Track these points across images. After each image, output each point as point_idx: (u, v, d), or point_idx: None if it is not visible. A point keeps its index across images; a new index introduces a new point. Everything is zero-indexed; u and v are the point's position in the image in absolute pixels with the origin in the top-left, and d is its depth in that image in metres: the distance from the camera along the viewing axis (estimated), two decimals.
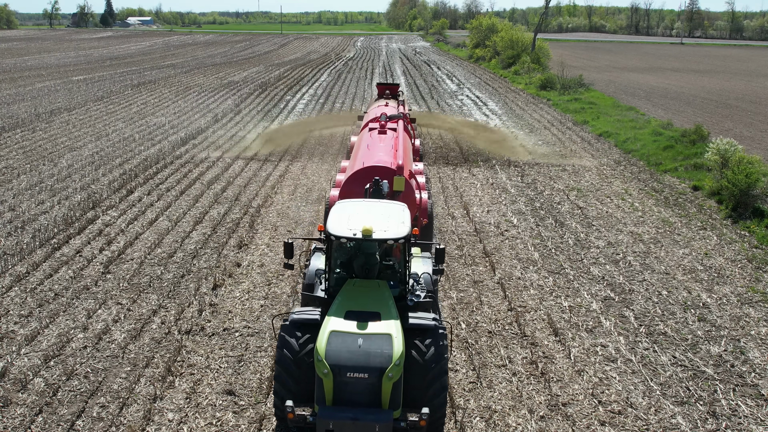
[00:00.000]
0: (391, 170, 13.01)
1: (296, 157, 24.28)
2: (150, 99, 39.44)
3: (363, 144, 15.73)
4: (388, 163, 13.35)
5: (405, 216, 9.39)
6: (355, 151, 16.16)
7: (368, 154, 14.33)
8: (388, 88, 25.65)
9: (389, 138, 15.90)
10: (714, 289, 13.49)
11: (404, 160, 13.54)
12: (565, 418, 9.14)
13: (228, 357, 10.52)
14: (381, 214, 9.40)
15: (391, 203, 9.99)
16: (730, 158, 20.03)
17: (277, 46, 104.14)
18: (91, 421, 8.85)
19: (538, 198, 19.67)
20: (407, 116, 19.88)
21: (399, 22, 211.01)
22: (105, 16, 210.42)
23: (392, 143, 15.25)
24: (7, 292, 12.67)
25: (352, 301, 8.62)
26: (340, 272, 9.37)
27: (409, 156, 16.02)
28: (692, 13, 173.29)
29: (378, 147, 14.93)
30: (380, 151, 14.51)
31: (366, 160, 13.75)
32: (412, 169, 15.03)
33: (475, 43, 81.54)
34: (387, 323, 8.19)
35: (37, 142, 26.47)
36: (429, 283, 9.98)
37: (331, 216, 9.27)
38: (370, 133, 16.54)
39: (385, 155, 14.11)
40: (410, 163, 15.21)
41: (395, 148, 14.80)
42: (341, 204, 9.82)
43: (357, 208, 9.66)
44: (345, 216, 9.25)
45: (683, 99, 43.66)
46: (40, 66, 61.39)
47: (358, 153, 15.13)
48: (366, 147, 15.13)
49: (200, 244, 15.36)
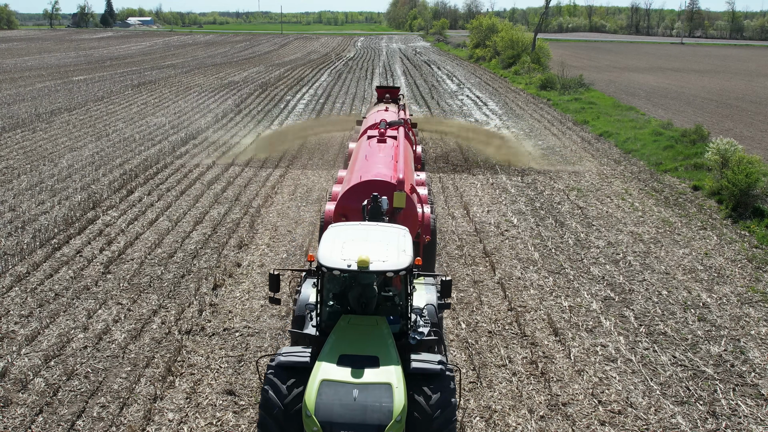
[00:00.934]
0: (390, 185, 12.07)
1: (292, 163, 23.52)
2: (150, 99, 39.45)
3: (361, 154, 14.82)
4: (387, 177, 12.41)
5: (406, 243, 8.43)
6: (352, 162, 15.14)
7: (366, 166, 13.41)
8: (389, 91, 24.51)
9: (389, 147, 14.90)
10: (714, 289, 13.49)
11: (405, 172, 12.70)
12: (565, 418, 9.15)
13: (228, 357, 10.53)
14: (379, 240, 8.42)
15: (391, 228, 9.01)
16: (730, 158, 20.03)
17: (278, 46, 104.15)
18: (92, 421, 8.86)
19: (538, 198, 19.68)
20: (408, 122, 18.98)
21: (399, 22, 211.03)
22: (105, 16, 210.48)
23: (392, 153, 14.33)
24: (8, 292, 12.68)
25: (346, 342, 7.61)
26: (333, 305, 8.40)
27: (410, 167, 15.05)
28: (692, 13, 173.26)
29: (377, 158, 14.03)
30: (379, 162, 13.57)
31: (364, 173, 12.80)
32: (414, 182, 14.14)
33: (475, 43, 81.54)
34: (386, 370, 7.19)
35: (38, 142, 26.48)
36: (433, 315, 8.99)
37: (323, 243, 8.37)
38: (368, 141, 15.57)
39: (385, 167, 13.15)
40: (411, 175, 14.34)
41: (395, 158, 13.84)
42: (334, 229, 8.87)
43: (352, 233, 8.65)
44: (339, 243, 8.28)
45: (683, 99, 43.66)
46: (41, 66, 61.41)
47: (356, 164, 14.12)
48: (364, 158, 14.22)
49: (200, 244, 15.37)
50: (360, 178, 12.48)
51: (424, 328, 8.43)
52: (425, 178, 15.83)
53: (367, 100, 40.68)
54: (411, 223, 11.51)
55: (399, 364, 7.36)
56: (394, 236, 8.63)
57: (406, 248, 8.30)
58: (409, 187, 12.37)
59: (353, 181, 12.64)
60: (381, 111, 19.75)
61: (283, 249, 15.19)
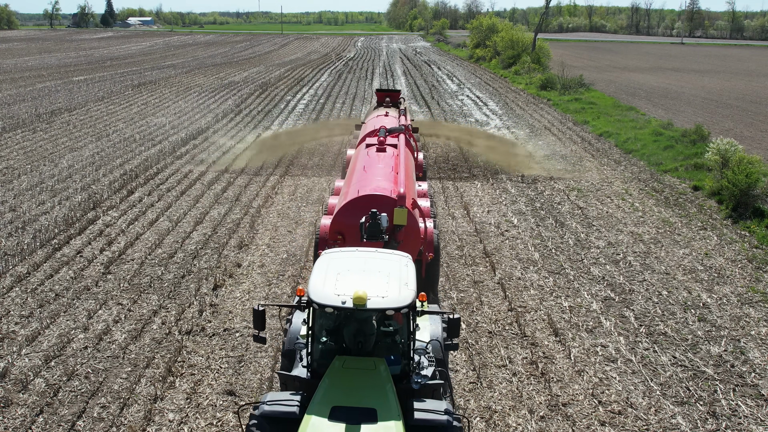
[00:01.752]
0: (390, 200, 11.22)
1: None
2: (150, 99, 39.46)
3: (359, 164, 13.91)
4: (387, 191, 11.56)
5: (409, 275, 7.50)
6: (349, 173, 14.15)
7: (364, 179, 12.52)
8: (389, 94, 23.37)
9: (389, 157, 14.03)
10: (714, 289, 13.49)
11: (406, 185, 11.86)
12: (565, 418, 9.15)
13: (228, 357, 10.53)
14: (379, 271, 7.47)
15: (392, 256, 8.03)
16: (730, 158, 20.03)
17: (278, 46, 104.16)
18: (92, 421, 8.87)
19: (539, 198, 19.68)
20: (409, 128, 17.88)
21: (399, 22, 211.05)
22: (105, 16, 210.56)
23: (392, 164, 13.52)
24: (8, 292, 12.69)
25: (339, 390, 6.70)
26: (326, 342, 7.49)
27: (412, 178, 14.13)
28: (693, 13, 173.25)
29: (376, 169, 13.13)
30: (378, 174, 12.68)
31: (362, 187, 11.97)
32: (415, 194, 13.34)
33: (475, 43, 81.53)
34: (385, 426, 6.28)
35: (38, 142, 26.49)
36: (438, 351, 8.07)
37: (314, 275, 7.43)
38: (367, 150, 14.67)
39: (384, 180, 12.26)
40: (413, 188, 13.49)
41: (395, 170, 13.00)
42: (328, 256, 7.92)
43: (347, 262, 7.67)
44: (332, 275, 7.34)
45: (683, 99, 43.66)
46: (41, 66, 61.42)
47: (353, 176, 13.22)
48: (362, 169, 13.36)
49: (201, 244, 15.38)
50: (357, 193, 11.63)
51: (428, 369, 7.59)
52: (427, 188, 15.03)
53: (367, 101, 40.68)
54: (413, 241, 10.92)
55: (400, 417, 6.46)
56: (396, 266, 7.68)
57: (408, 281, 7.37)
58: (411, 201, 11.56)
59: (350, 195, 11.79)
60: (381, 116, 18.91)
61: (283, 249, 15.20)
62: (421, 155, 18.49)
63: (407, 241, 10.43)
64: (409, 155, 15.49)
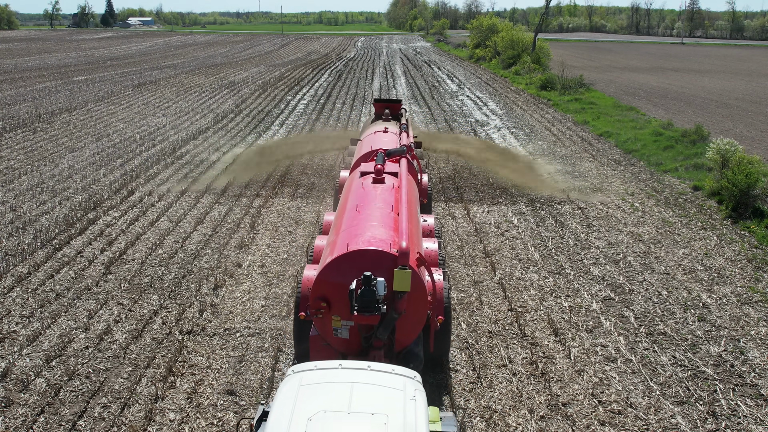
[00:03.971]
0: (389, 257, 8.54)
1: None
2: (151, 99, 39.49)
3: (351, 201, 11.01)
4: (385, 245, 8.82)
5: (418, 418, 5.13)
6: (339, 212, 11.23)
7: (357, 225, 9.67)
8: (388, 105, 20.45)
9: (388, 192, 11.15)
10: (714, 289, 13.51)
11: (410, 231, 9.35)
12: (565, 418, 9.17)
13: (229, 357, 10.55)
14: (372, 414, 5.05)
15: (392, 379, 5.55)
16: (730, 158, 20.05)
17: (278, 46, 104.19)
18: (93, 421, 8.89)
19: (539, 198, 19.69)
20: (412, 147, 15.35)
21: (399, 22, 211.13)
22: (105, 16, 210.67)
23: (392, 201, 10.70)
24: (9, 292, 12.71)
25: None
26: None
27: (416, 217, 11.29)
28: (693, 13, 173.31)
29: (372, 209, 10.37)
30: (374, 217, 9.94)
31: (353, 238, 9.09)
32: (420, 239, 10.77)
33: (475, 44, 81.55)
34: None
35: (38, 142, 26.52)
36: None
37: (276, 411, 5.17)
38: (362, 180, 11.83)
39: (382, 226, 9.57)
40: (418, 232, 10.76)
41: (396, 209, 10.29)
42: (297, 380, 5.50)
43: (325, 396, 5.25)
44: (301, 417, 4.99)
45: (683, 99, 43.68)
46: (41, 66, 61.45)
47: (343, 219, 10.32)
48: (354, 208, 10.47)
49: (201, 244, 15.40)
50: (347, 247, 8.81)
51: None
52: (434, 222, 12.52)
53: (368, 101, 40.72)
54: (418, 308, 8.69)
55: None
56: (398, 402, 5.24)
57: (417, 425, 5.02)
58: (416, 255, 9.01)
59: (337, 249, 8.96)
60: (379, 132, 16.49)
61: (283, 249, 15.22)
62: (426, 177, 15.92)
63: (411, 310, 8.48)
64: (412, 185, 12.81)
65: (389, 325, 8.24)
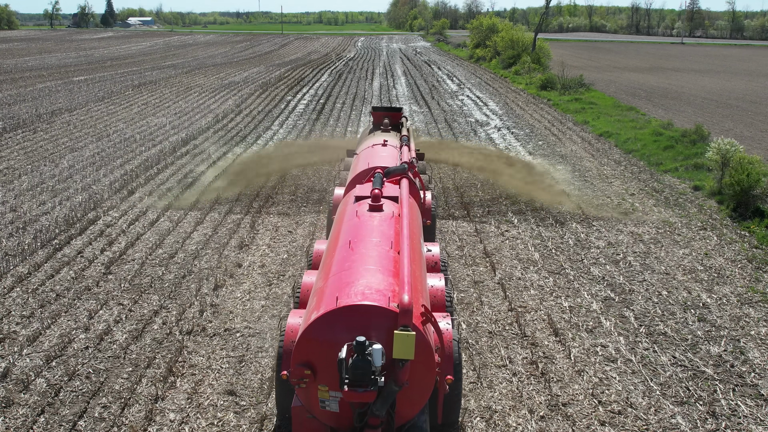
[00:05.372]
0: (388, 314, 6.90)
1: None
2: (151, 99, 39.50)
3: (343, 235, 9.24)
4: (383, 298, 7.11)
5: None
6: (330, 247, 9.32)
7: (349, 269, 7.89)
8: (388, 114, 18.60)
9: (386, 222, 9.44)
10: (714, 289, 13.51)
11: (413, 274, 7.71)
12: (565, 418, 9.17)
13: (229, 357, 10.56)
14: None
15: None
16: (731, 158, 20.05)
17: (278, 46, 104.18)
18: (93, 421, 8.89)
19: (538, 198, 19.67)
20: (414, 163, 13.33)
21: (399, 22, 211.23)
22: (105, 16, 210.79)
23: (391, 234, 8.98)
24: (9, 292, 12.72)
25: None
26: None
27: (419, 252, 9.37)
28: (693, 13, 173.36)
29: (367, 246, 8.52)
30: (370, 260, 8.10)
31: (343, 289, 7.32)
32: (425, 278, 8.92)
33: (475, 43, 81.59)
34: None
35: (38, 142, 26.53)
36: None
37: None
38: (357, 207, 10.12)
39: (379, 271, 7.78)
40: (422, 271, 8.88)
41: (396, 246, 8.54)
42: None
43: None
44: None
45: (683, 99, 43.69)
46: (41, 66, 61.45)
47: (333, 259, 8.48)
48: (347, 245, 8.67)
49: (201, 244, 15.40)
50: (336, 301, 7.09)
51: None
52: (440, 252, 10.64)
53: (368, 101, 40.73)
54: (424, 373, 7.03)
55: None
56: None
57: None
58: (420, 309, 7.29)
59: (325, 304, 7.21)
60: (377, 145, 14.97)
61: (284, 249, 15.22)
62: (429, 195, 13.62)
63: (415, 379, 6.89)
64: (415, 209, 11.02)
65: (388, 399, 6.70)
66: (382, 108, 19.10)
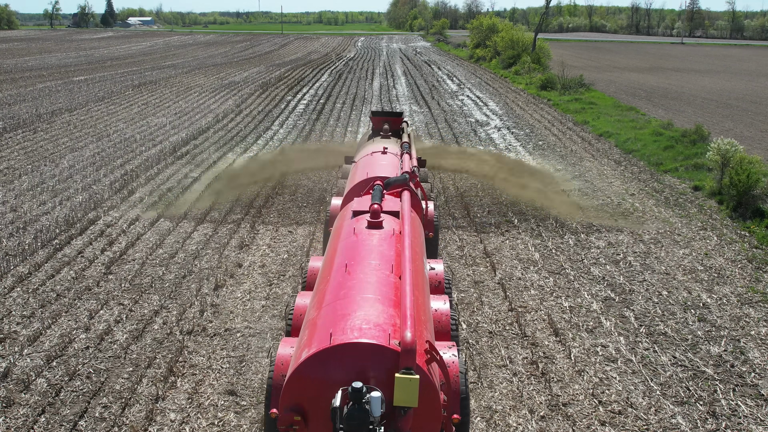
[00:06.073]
0: (388, 354, 6.02)
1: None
2: (151, 99, 39.50)
3: (339, 255, 8.31)
4: (383, 334, 6.20)
5: None
6: (325, 268, 8.35)
7: (345, 298, 6.97)
8: (387, 119, 17.57)
9: (386, 243, 8.45)
10: (714, 290, 13.52)
11: (417, 305, 6.85)
12: (566, 418, 9.18)
13: (230, 357, 10.56)
14: None
15: None
16: (731, 158, 20.06)
17: (278, 46, 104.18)
18: (94, 421, 8.90)
19: (539, 198, 19.68)
20: (416, 173, 12.44)
21: (399, 22, 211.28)
22: (105, 16, 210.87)
23: (392, 256, 8.07)
24: (9, 292, 12.72)
25: None
26: None
27: (423, 275, 8.45)
28: (693, 13, 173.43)
29: (365, 271, 7.56)
30: (368, 287, 7.17)
31: (338, 324, 6.43)
32: (430, 309, 8.02)
33: (475, 43, 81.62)
34: None
35: (39, 142, 26.53)
36: None
37: None
38: (354, 223, 9.19)
39: (378, 301, 6.84)
40: (426, 296, 7.96)
41: (397, 270, 7.66)
42: None
43: None
44: None
45: (683, 99, 43.70)
46: (41, 66, 61.45)
47: (328, 284, 7.52)
48: (343, 268, 7.71)
49: (201, 244, 15.41)
50: (329, 338, 6.20)
51: None
52: (444, 270, 9.76)
53: (368, 101, 40.75)
54: (428, 419, 6.26)
55: None
56: None
57: None
58: (424, 345, 6.42)
59: (317, 340, 6.33)
60: (376, 153, 14.09)
61: (284, 249, 15.23)
62: (432, 206, 12.70)
63: (418, 427, 6.17)
64: (417, 224, 10.09)
65: None
66: (381, 113, 18.11)
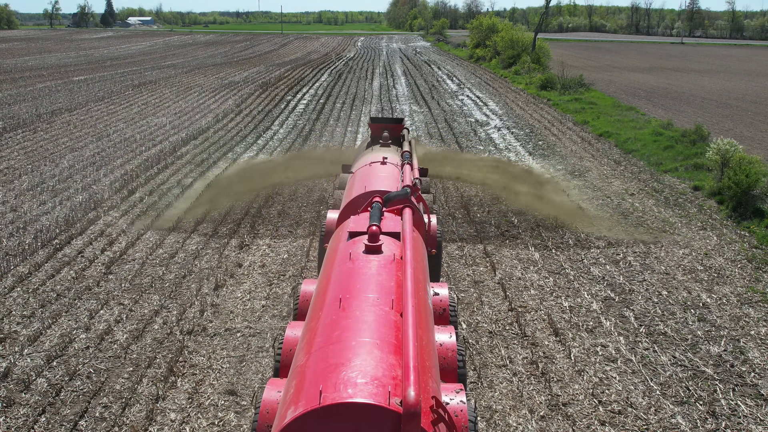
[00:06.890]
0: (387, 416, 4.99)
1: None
2: (151, 99, 39.50)
3: (333, 286, 7.15)
4: (382, 391, 5.15)
5: None
6: (317, 299, 7.21)
7: (338, 342, 5.88)
8: (388, 126, 16.55)
9: (386, 271, 7.33)
10: (714, 289, 13.53)
11: (422, 350, 5.86)
12: (566, 418, 9.19)
13: (230, 357, 10.57)
14: None
15: None
16: (731, 158, 20.06)
17: (278, 46, 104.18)
18: (94, 421, 8.90)
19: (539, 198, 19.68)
20: (417, 186, 11.43)
21: (399, 21, 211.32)
22: (105, 16, 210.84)
23: (392, 287, 6.92)
24: (10, 292, 12.73)
25: None
26: None
27: (427, 306, 7.34)
28: (693, 13, 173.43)
29: (362, 308, 6.43)
30: (365, 328, 6.05)
31: (328, 377, 5.34)
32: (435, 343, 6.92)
33: (475, 43, 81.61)
34: None
35: (39, 142, 26.53)
36: None
37: None
38: (351, 246, 8.06)
39: (376, 347, 5.75)
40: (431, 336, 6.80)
41: (398, 305, 6.55)
42: None
43: None
44: None
45: (683, 99, 43.70)
46: (41, 66, 61.44)
47: (319, 322, 6.44)
48: (336, 303, 6.61)
49: (201, 244, 15.41)
50: (319, 397, 5.11)
51: None
52: (448, 295, 8.64)
53: (367, 101, 40.75)
54: None
55: None
56: None
57: None
58: (430, 401, 5.39)
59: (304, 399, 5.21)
60: (375, 163, 13.05)
61: (284, 249, 15.23)
62: (434, 219, 11.55)
63: None
64: (419, 244, 8.93)
65: None
66: (381, 119, 17.09)
